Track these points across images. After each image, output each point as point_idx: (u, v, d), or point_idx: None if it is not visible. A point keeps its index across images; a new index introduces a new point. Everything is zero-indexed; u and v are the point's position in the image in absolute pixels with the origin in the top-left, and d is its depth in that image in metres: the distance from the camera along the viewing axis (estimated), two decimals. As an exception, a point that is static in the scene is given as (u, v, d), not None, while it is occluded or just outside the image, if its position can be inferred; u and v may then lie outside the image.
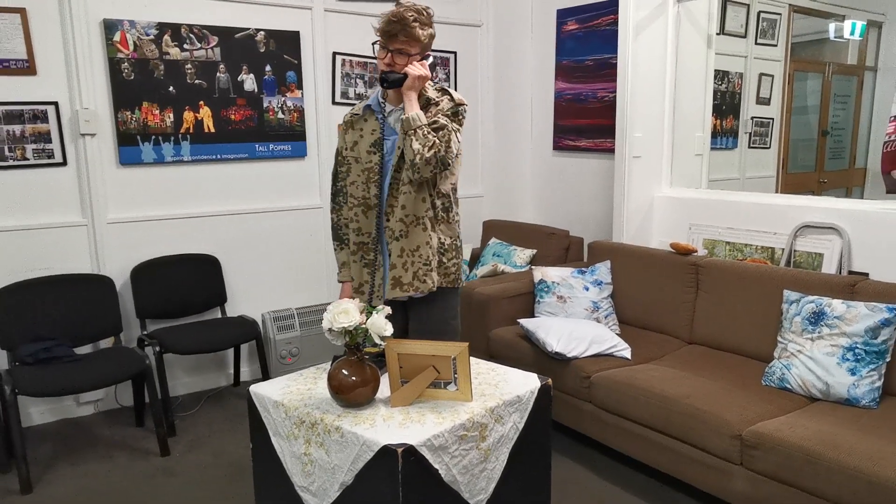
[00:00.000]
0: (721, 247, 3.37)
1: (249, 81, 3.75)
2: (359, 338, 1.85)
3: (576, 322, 3.13)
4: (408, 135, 2.15)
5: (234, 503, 2.65)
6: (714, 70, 3.90)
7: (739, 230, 3.30)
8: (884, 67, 5.30)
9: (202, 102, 3.62)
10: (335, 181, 2.44)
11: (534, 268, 3.51)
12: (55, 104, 3.25)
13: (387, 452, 1.66)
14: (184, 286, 3.63)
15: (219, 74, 3.65)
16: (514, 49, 4.50)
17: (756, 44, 4.42)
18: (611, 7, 3.79)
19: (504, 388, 2.00)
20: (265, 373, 3.61)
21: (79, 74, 3.27)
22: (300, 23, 3.88)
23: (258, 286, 3.94)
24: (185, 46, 3.54)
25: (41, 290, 3.21)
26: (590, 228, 4.11)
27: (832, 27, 5.03)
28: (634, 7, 3.45)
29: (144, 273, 3.51)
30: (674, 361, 2.91)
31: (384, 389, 1.94)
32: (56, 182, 3.32)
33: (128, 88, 3.41)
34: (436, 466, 1.73)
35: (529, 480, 2.05)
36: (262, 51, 3.76)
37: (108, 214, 3.45)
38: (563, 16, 4.17)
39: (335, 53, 4.02)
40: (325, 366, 2.19)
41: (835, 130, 5.23)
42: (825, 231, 2.96)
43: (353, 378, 1.84)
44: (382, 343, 1.86)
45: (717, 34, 3.90)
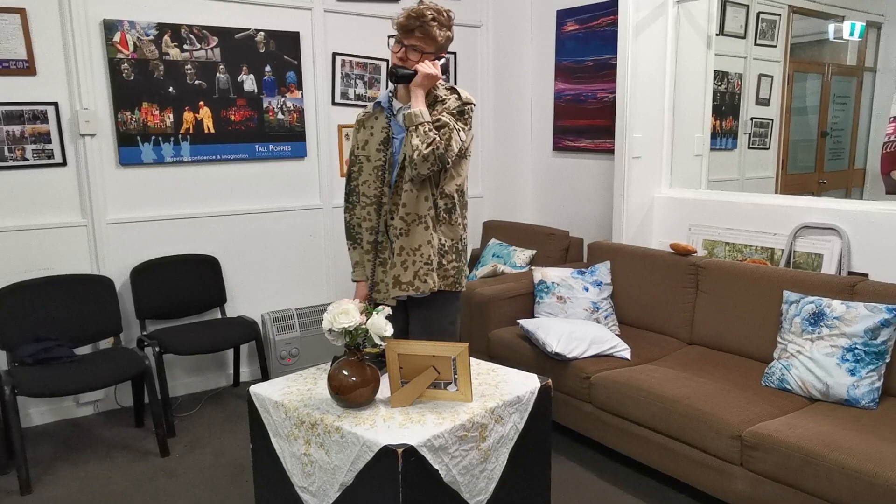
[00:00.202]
0: (721, 247, 3.38)
1: (249, 82, 3.75)
2: (359, 338, 1.85)
3: (576, 323, 3.13)
4: (409, 130, 2.15)
5: (234, 504, 2.66)
6: (714, 71, 3.91)
7: (739, 231, 3.30)
8: (883, 68, 5.31)
9: (202, 103, 3.62)
10: (349, 181, 2.43)
11: (533, 268, 3.51)
12: (55, 104, 3.25)
13: (387, 453, 1.67)
14: (183, 286, 3.63)
15: (219, 75, 3.65)
16: (514, 50, 4.50)
17: (755, 44, 4.42)
18: (610, 8, 3.80)
19: (504, 389, 2.00)
20: (265, 373, 3.61)
21: (78, 75, 3.27)
22: (300, 23, 3.88)
23: (258, 286, 3.94)
24: (185, 47, 3.54)
25: (41, 291, 3.21)
26: (589, 229, 4.11)
27: (831, 28, 5.04)
28: (634, 8, 3.45)
29: (144, 273, 3.51)
30: (673, 362, 2.91)
31: (384, 390, 1.94)
32: (56, 182, 3.32)
33: (128, 89, 3.41)
34: (436, 467, 1.73)
35: (529, 481, 2.05)
36: (262, 51, 3.76)
37: (108, 215, 3.45)
38: (563, 16, 4.17)
39: (335, 54, 4.02)
40: (325, 366, 2.18)
41: (834, 131, 5.23)
42: (825, 232, 2.96)
43: (354, 378, 1.84)
44: (382, 343, 1.86)
45: (717, 35, 3.91)
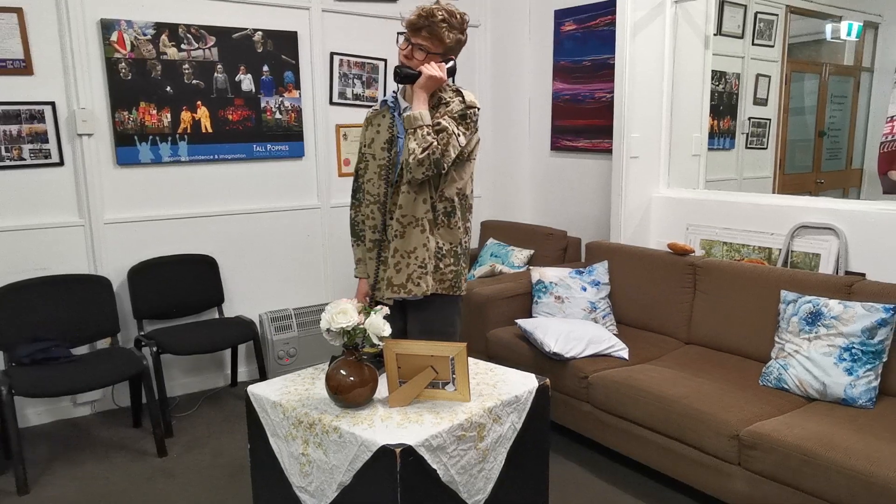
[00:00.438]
0: (718, 247, 3.38)
1: (247, 81, 3.75)
2: (357, 338, 1.85)
3: (573, 322, 3.13)
4: (407, 133, 2.14)
5: (232, 504, 2.66)
6: (711, 71, 3.91)
7: (736, 230, 3.31)
8: (880, 68, 5.32)
9: (199, 102, 3.62)
10: (356, 178, 2.42)
11: (531, 268, 3.51)
12: (52, 104, 3.25)
13: (385, 453, 1.66)
14: (181, 286, 3.62)
15: (216, 74, 3.65)
16: (512, 49, 4.50)
17: (753, 44, 4.42)
18: (608, 8, 3.80)
19: (502, 389, 2.00)
20: (263, 373, 3.61)
21: (76, 74, 3.26)
22: (298, 23, 3.88)
23: (256, 286, 3.94)
24: (183, 46, 3.54)
25: (38, 291, 3.20)
26: (587, 229, 4.11)
27: (829, 28, 5.04)
28: (632, 8, 3.46)
29: (142, 273, 3.50)
30: (671, 362, 2.92)
31: (382, 390, 1.94)
32: (53, 182, 3.31)
33: (125, 88, 3.41)
34: (434, 466, 1.73)
35: (527, 481, 2.05)
36: (260, 51, 3.76)
37: (105, 215, 3.45)
38: (561, 16, 4.17)
39: (333, 54, 4.02)
40: (323, 366, 2.18)
41: (831, 131, 5.24)
42: (822, 231, 2.97)
43: (352, 378, 1.84)
44: (380, 343, 1.86)
45: (715, 35, 3.91)
